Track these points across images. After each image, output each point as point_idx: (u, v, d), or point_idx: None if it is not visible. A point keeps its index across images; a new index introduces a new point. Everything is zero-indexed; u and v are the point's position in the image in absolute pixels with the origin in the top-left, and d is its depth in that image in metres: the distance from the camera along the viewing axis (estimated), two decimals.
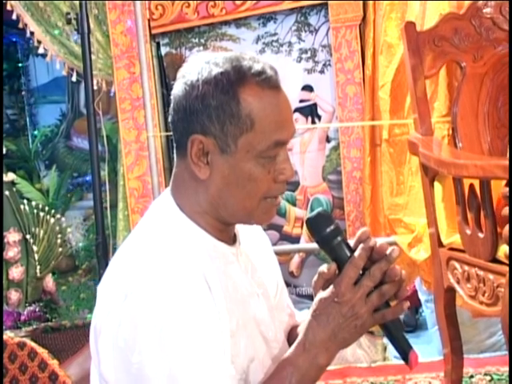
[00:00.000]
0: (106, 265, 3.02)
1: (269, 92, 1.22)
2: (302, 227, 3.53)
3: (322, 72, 3.38)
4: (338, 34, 3.27)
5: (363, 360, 3.03)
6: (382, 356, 3.05)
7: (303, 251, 3.56)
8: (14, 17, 3.69)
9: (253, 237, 1.42)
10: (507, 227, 1.79)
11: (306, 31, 3.39)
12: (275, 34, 3.43)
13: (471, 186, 1.98)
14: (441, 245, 2.21)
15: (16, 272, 3.42)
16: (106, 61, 3.58)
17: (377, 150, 3.18)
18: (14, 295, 3.42)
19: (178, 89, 1.25)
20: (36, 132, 6.85)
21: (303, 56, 3.40)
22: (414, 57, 2.28)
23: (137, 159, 3.51)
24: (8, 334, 2.06)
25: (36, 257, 3.52)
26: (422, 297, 3.32)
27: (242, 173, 1.22)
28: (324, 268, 1.22)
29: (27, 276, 3.49)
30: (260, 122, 1.21)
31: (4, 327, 3.24)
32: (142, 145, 3.47)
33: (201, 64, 1.23)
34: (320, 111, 3.44)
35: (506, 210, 1.78)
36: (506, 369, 2.82)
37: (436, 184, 2.23)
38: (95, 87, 3.41)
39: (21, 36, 6.14)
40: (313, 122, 3.46)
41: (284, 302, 1.46)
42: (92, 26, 3.31)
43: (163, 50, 3.58)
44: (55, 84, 6.68)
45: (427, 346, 3.11)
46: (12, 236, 3.44)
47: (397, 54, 3.02)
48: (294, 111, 3.27)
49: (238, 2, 3.39)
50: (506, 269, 1.85)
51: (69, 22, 3.20)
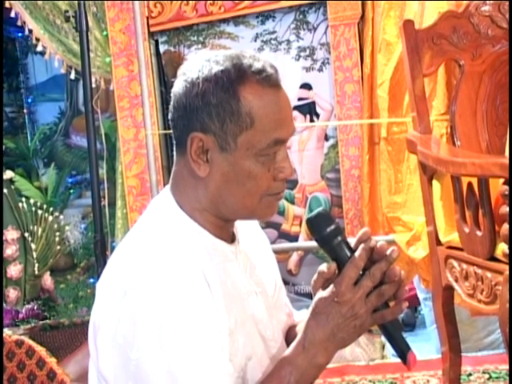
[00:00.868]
0: (105, 263, 3.04)
1: (269, 90, 1.23)
2: (300, 225, 3.53)
3: (320, 70, 3.38)
4: (336, 32, 3.27)
5: (361, 358, 3.03)
6: (380, 354, 3.05)
7: (302, 249, 3.56)
8: (12, 14, 3.69)
9: (251, 236, 1.42)
10: (505, 225, 1.79)
11: (304, 29, 3.39)
12: (274, 32, 3.43)
13: (469, 184, 1.98)
14: (439, 243, 2.21)
15: (14, 270, 3.42)
16: (104, 59, 3.58)
17: (375, 148, 3.18)
18: (12, 293, 3.41)
19: (178, 86, 1.25)
20: (35, 130, 6.85)
21: (302, 54, 3.40)
22: (412, 55, 2.27)
23: (135, 157, 3.51)
24: (6, 332, 2.06)
25: (34, 255, 3.51)
26: (421, 295, 3.32)
27: (242, 171, 1.22)
28: (324, 267, 1.22)
29: (25, 274, 3.49)
30: (260, 120, 1.21)
31: (2, 325, 3.24)
32: (141, 143, 3.47)
33: (201, 62, 1.23)
34: (318, 109, 3.44)
35: (504, 209, 1.78)
36: (505, 367, 2.82)
37: (434, 182, 2.23)
38: (94, 85, 3.40)
39: (19, 33, 6.13)
40: (311, 121, 3.46)
41: (282, 301, 1.46)
42: (90, 23, 3.31)
43: (162, 48, 3.58)
44: (54, 82, 6.68)
45: (426, 344, 3.11)
46: (10, 234, 3.43)
47: (395, 52, 3.02)
48: (292, 109, 3.27)
49: (236, 0, 3.39)
50: (504, 267, 1.85)
51: (67, 20, 3.19)
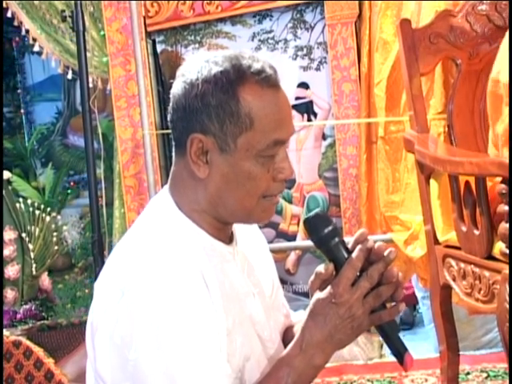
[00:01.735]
0: (103, 263, 3.04)
1: (268, 91, 1.22)
2: (298, 225, 3.53)
3: (317, 69, 3.38)
4: (333, 31, 3.27)
5: (360, 357, 3.03)
6: (378, 353, 3.05)
7: (299, 249, 3.56)
8: (9, 14, 3.69)
9: (250, 236, 1.42)
10: (503, 224, 1.79)
11: (301, 28, 3.39)
12: (271, 32, 3.43)
13: (467, 183, 1.98)
14: (437, 242, 2.21)
15: (12, 270, 3.41)
16: (101, 58, 3.58)
17: (373, 147, 3.18)
18: (9, 294, 3.41)
19: (177, 87, 1.24)
20: (32, 130, 6.84)
21: (299, 53, 3.40)
22: (409, 54, 2.27)
23: (133, 157, 3.51)
24: (4, 333, 2.05)
25: (32, 255, 3.51)
26: (419, 294, 3.32)
27: (242, 171, 1.22)
28: (321, 268, 1.22)
29: (23, 274, 3.48)
30: (259, 120, 1.21)
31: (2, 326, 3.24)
32: (138, 142, 3.47)
33: (200, 63, 1.23)
34: (316, 108, 3.44)
35: (502, 207, 1.78)
36: (503, 365, 2.82)
37: (432, 181, 2.23)
38: (91, 85, 3.40)
39: (16, 34, 6.12)
40: (309, 120, 3.46)
41: (279, 302, 1.46)
42: (87, 23, 3.31)
43: (159, 48, 3.58)
44: (51, 82, 6.67)
45: (424, 343, 3.11)
46: (7, 234, 3.43)
47: (392, 51, 3.02)
48: None
49: (233, 0, 3.38)
50: (501, 266, 1.85)
51: (64, 20, 3.19)
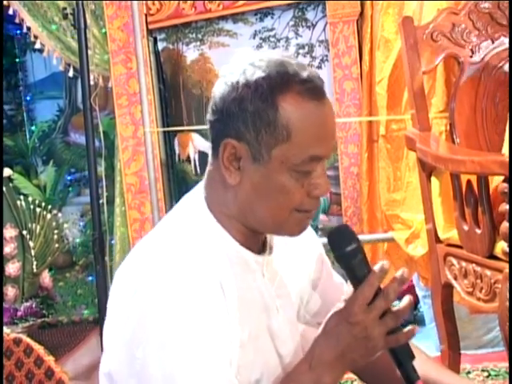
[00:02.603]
0: (103, 260, 3.03)
1: (311, 103, 1.16)
2: None
3: (319, 67, 3.37)
4: (335, 29, 3.26)
5: None
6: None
7: None
8: (10, 12, 3.68)
9: (298, 244, 1.36)
10: (505, 223, 1.79)
11: (303, 26, 3.38)
12: (272, 29, 3.42)
13: (469, 181, 1.97)
14: (438, 241, 2.21)
15: (12, 268, 3.41)
16: (102, 56, 3.57)
17: (374, 145, 3.18)
18: (10, 291, 3.41)
19: (218, 88, 1.20)
20: (33, 127, 6.83)
21: (300, 51, 3.39)
22: (411, 52, 2.27)
23: (134, 155, 3.50)
24: (4, 330, 2.05)
25: (32, 253, 3.51)
26: (420, 293, 3.32)
27: (274, 184, 1.18)
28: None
29: (24, 272, 3.48)
30: (297, 134, 1.16)
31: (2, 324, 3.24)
32: (139, 140, 3.46)
33: (245, 65, 1.18)
34: None
35: (504, 206, 1.78)
36: (504, 365, 2.82)
37: (433, 179, 2.22)
38: (92, 83, 3.39)
39: (18, 31, 6.11)
40: None
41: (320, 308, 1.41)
42: (89, 21, 3.29)
43: (160, 46, 3.57)
44: (52, 79, 6.66)
45: (425, 342, 3.10)
46: (8, 232, 3.43)
47: (394, 50, 3.01)
48: None
49: None
50: (503, 265, 1.84)
51: (65, 17, 3.18)
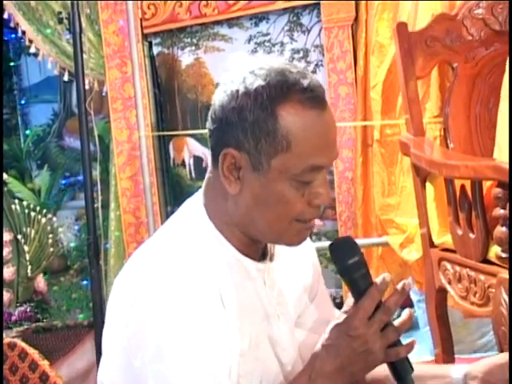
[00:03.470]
0: (98, 265, 3.02)
1: (311, 112, 1.15)
2: None
3: (314, 72, 3.38)
4: (330, 34, 3.26)
5: None
6: None
7: None
8: (5, 15, 3.68)
9: (296, 251, 1.35)
10: (498, 228, 1.80)
11: (298, 31, 3.39)
12: (267, 34, 3.42)
13: (462, 186, 1.98)
14: (432, 245, 2.21)
15: (7, 272, 3.40)
16: (97, 60, 3.57)
17: (369, 150, 3.18)
18: (5, 295, 3.40)
19: (217, 96, 1.19)
20: (28, 131, 6.82)
21: (295, 56, 3.40)
22: (405, 57, 2.28)
23: (129, 159, 3.50)
24: None
25: (27, 257, 3.50)
26: (414, 297, 3.32)
27: (274, 194, 1.16)
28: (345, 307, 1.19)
29: (18, 276, 3.47)
30: (297, 144, 1.14)
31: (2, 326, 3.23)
32: (134, 145, 3.47)
33: (245, 73, 1.17)
34: None
35: (498, 211, 1.79)
36: None
37: (427, 184, 2.23)
38: (87, 87, 3.39)
39: (13, 35, 6.11)
40: None
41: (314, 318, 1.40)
42: (84, 25, 3.30)
43: (155, 50, 3.58)
44: (47, 83, 6.64)
45: (419, 346, 3.09)
46: (3, 236, 3.42)
47: (388, 54, 3.02)
48: None
49: (230, 2, 3.38)
50: (496, 269, 1.85)
51: (60, 22, 3.18)
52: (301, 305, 1.38)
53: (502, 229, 1.78)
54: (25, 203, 3.69)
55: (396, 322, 1.17)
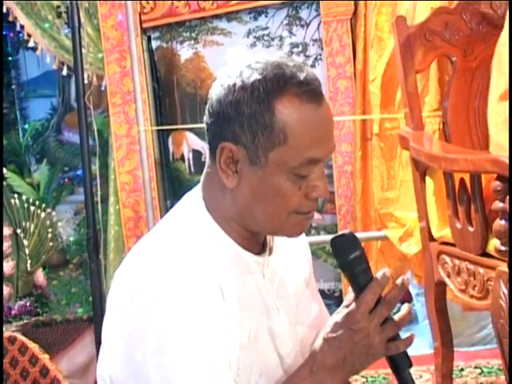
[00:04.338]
0: (97, 259, 3.02)
1: (308, 105, 1.15)
2: None
3: (313, 66, 3.38)
4: (329, 28, 3.27)
5: None
6: None
7: None
8: (3, 9, 3.68)
9: (292, 245, 1.36)
10: (497, 221, 1.80)
11: (297, 25, 3.39)
12: (266, 28, 3.42)
13: (461, 180, 1.98)
14: (431, 239, 2.22)
15: (6, 266, 3.41)
16: (96, 55, 3.57)
17: (368, 144, 3.19)
18: (4, 289, 3.40)
19: (215, 90, 1.19)
20: (26, 126, 6.81)
21: (294, 50, 3.40)
22: (404, 51, 2.28)
23: (128, 153, 3.50)
24: None
25: (27, 251, 3.50)
26: (413, 290, 3.33)
27: (271, 187, 1.17)
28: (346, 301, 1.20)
29: (18, 270, 3.48)
30: (294, 137, 1.15)
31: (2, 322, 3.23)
32: (133, 139, 3.47)
33: (242, 67, 1.17)
34: None
35: (497, 204, 1.79)
36: (497, 362, 2.83)
37: (427, 178, 2.23)
38: (86, 81, 3.39)
39: (11, 29, 6.10)
40: None
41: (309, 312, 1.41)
42: (83, 19, 3.29)
43: (154, 44, 3.57)
44: (46, 78, 6.63)
45: (418, 340, 3.08)
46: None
47: (387, 48, 3.02)
48: None
49: None
50: (495, 262, 1.86)
51: (59, 16, 3.18)
52: (301, 298, 1.39)
53: (501, 222, 1.78)
54: (24, 197, 3.69)
55: (395, 317, 1.18)
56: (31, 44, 3.71)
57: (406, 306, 1.20)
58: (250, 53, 3.37)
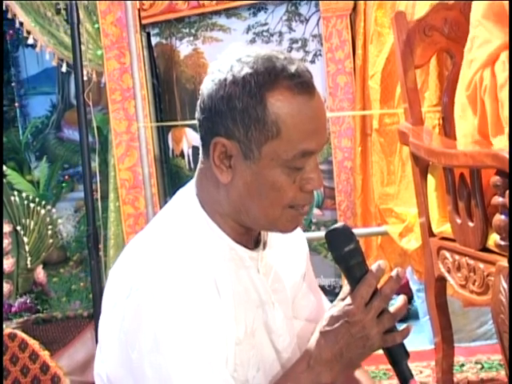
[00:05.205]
0: (97, 256, 3.02)
1: (300, 98, 1.15)
2: None
3: (312, 62, 3.38)
4: (328, 23, 3.26)
5: None
6: None
7: None
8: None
9: (289, 239, 1.36)
10: (497, 216, 1.80)
11: (296, 21, 3.38)
12: (266, 24, 3.42)
13: (461, 175, 1.98)
14: (431, 234, 2.22)
15: (6, 263, 3.41)
16: (96, 51, 3.57)
17: (367, 139, 3.18)
18: (4, 287, 3.40)
19: (205, 85, 1.19)
20: (26, 123, 6.82)
21: (294, 46, 3.40)
22: (404, 47, 2.28)
23: (127, 150, 3.50)
24: None
25: (27, 248, 3.51)
26: (413, 286, 3.33)
27: (265, 181, 1.17)
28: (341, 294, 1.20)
29: (18, 267, 3.48)
30: (287, 129, 1.15)
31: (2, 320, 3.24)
32: (133, 135, 3.46)
33: (232, 61, 1.17)
34: None
35: (496, 199, 1.79)
36: (497, 357, 2.83)
37: (428, 174, 2.23)
38: (85, 78, 3.38)
39: (10, 26, 6.10)
40: None
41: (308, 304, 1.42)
42: (82, 16, 3.29)
43: (153, 41, 3.57)
44: (45, 75, 6.64)
45: (418, 335, 3.12)
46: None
47: (387, 44, 3.01)
48: None
49: None
50: (496, 258, 1.85)
51: (58, 13, 3.18)
52: (297, 292, 1.39)
53: (501, 217, 1.78)
54: (24, 195, 3.69)
55: (391, 309, 1.18)
56: (30, 41, 3.70)
57: (402, 297, 1.20)
58: (245, 49, 3.36)
